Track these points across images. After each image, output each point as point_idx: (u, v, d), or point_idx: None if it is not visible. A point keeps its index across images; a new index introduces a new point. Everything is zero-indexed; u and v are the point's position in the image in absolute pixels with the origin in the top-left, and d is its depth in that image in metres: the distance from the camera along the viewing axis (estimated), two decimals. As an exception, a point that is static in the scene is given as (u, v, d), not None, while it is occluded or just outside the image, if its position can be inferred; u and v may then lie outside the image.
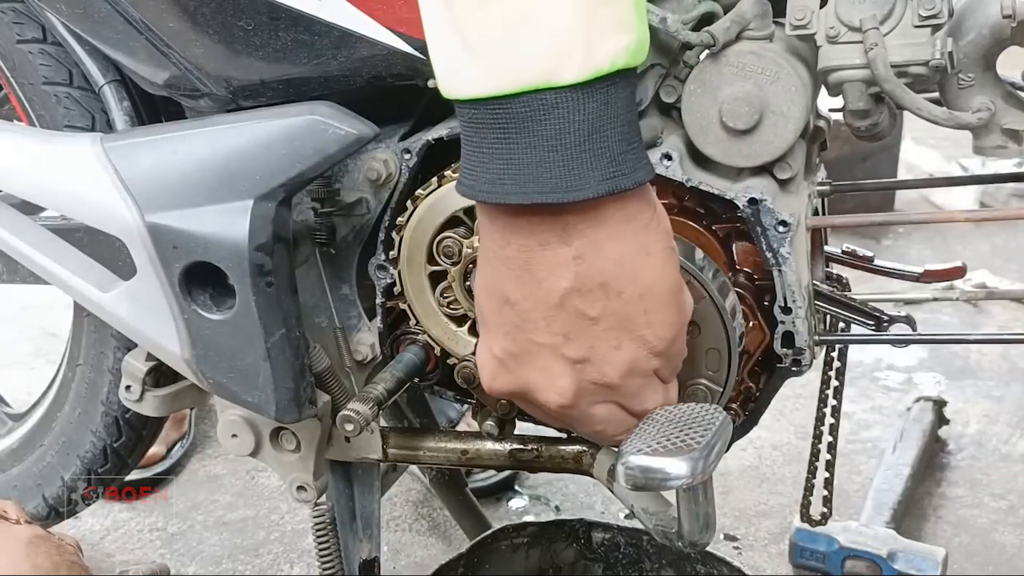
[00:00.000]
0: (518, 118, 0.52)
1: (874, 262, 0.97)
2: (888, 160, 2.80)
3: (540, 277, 0.56)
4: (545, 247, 0.55)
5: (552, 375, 0.59)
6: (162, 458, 1.66)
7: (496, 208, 0.56)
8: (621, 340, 0.58)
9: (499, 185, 0.54)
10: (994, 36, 0.71)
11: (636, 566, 1.13)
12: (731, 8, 0.73)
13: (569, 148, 0.52)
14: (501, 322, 0.60)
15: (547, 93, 0.51)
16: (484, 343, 0.62)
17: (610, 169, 0.53)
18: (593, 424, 0.62)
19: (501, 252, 0.57)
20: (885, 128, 0.75)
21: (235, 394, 0.81)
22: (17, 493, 1.27)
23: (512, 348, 0.60)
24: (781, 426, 1.76)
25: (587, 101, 0.52)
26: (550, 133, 0.52)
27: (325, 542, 0.98)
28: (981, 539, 1.47)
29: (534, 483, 1.62)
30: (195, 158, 0.77)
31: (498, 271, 0.58)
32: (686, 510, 0.66)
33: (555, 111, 0.52)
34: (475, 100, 0.53)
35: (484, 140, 0.54)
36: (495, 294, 0.59)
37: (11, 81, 1.03)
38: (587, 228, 0.55)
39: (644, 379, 0.61)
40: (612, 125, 0.53)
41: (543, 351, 0.59)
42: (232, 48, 0.78)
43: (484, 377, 0.63)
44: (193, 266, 0.77)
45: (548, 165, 0.52)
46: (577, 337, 0.57)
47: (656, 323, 0.58)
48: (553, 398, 0.60)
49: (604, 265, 0.56)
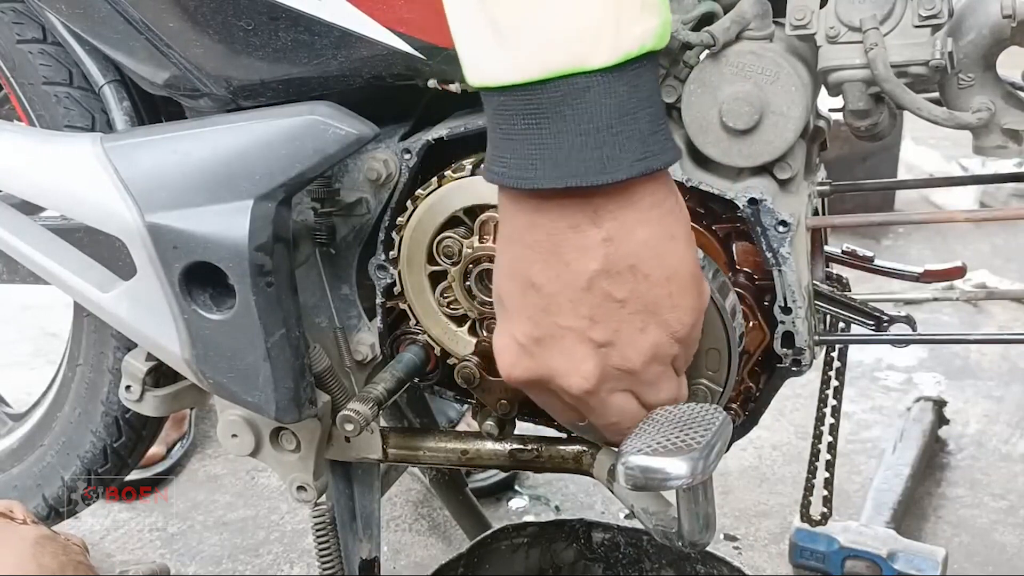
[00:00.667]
0: (549, 103, 0.52)
1: (874, 262, 0.97)
2: (888, 160, 2.80)
3: (568, 259, 0.56)
4: (575, 230, 0.55)
5: (576, 359, 0.59)
6: (162, 458, 1.66)
7: (524, 193, 0.56)
8: (647, 323, 0.58)
9: (531, 171, 0.54)
10: (994, 36, 0.71)
11: (636, 566, 1.13)
12: (731, 8, 0.73)
13: (601, 131, 0.53)
14: (525, 306, 0.59)
15: (578, 78, 0.51)
16: (504, 329, 0.62)
17: (641, 150, 0.53)
18: (608, 415, 0.62)
19: (527, 236, 0.57)
20: (885, 128, 0.75)
21: (235, 394, 0.81)
22: (17, 493, 1.27)
23: (536, 332, 0.59)
24: (781, 426, 1.76)
25: (617, 84, 0.52)
26: (582, 117, 0.52)
27: (325, 542, 0.98)
28: (981, 539, 1.47)
29: (534, 483, 1.62)
30: (195, 158, 0.77)
31: (523, 255, 0.58)
32: (686, 510, 0.66)
33: (586, 95, 0.52)
34: (505, 88, 0.53)
35: (514, 127, 0.54)
36: (518, 278, 0.59)
37: (11, 81, 1.03)
38: (618, 210, 0.55)
39: (663, 367, 0.61)
40: (642, 107, 0.53)
41: (568, 335, 0.58)
42: (232, 48, 0.78)
43: (504, 364, 0.62)
44: (193, 266, 0.77)
45: (580, 149, 0.53)
46: (603, 320, 0.57)
47: (680, 306, 0.58)
48: (577, 382, 0.59)
49: (633, 248, 0.56)
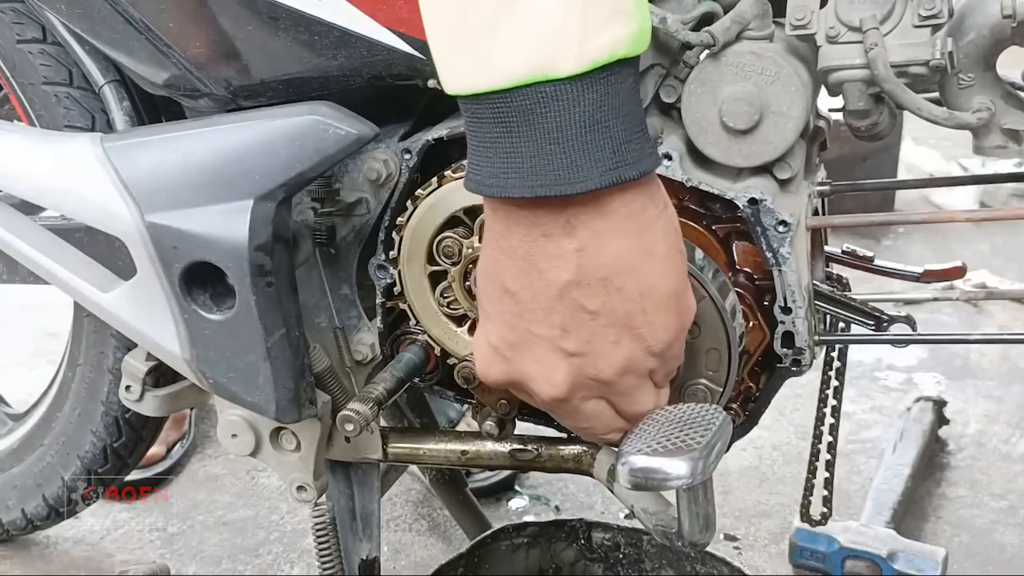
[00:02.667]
0: (518, 112, 0.52)
1: (874, 262, 0.97)
2: (888, 160, 2.80)
3: (541, 268, 0.56)
4: (549, 239, 0.55)
5: (547, 367, 0.59)
6: (162, 458, 1.66)
7: (500, 200, 0.56)
8: (619, 337, 0.57)
9: (503, 179, 0.54)
10: (994, 36, 0.71)
11: (636, 566, 1.13)
12: (731, 8, 0.73)
13: (570, 140, 0.52)
14: (500, 311, 0.59)
15: (545, 86, 0.51)
16: (481, 331, 0.62)
17: (612, 160, 0.53)
18: (580, 420, 0.62)
19: (504, 242, 0.57)
20: (885, 128, 0.76)
21: (235, 394, 0.81)
22: (17, 493, 1.27)
23: (509, 337, 0.59)
24: (781, 426, 1.76)
25: (587, 92, 0.51)
26: (551, 126, 0.52)
27: (325, 542, 0.98)
28: (981, 539, 1.47)
29: (534, 483, 1.62)
30: (195, 158, 0.77)
31: (499, 260, 0.58)
32: (686, 510, 0.66)
33: (554, 103, 0.51)
34: (475, 95, 0.53)
35: (487, 135, 0.54)
36: (495, 282, 0.59)
37: (11, 81, 1.03)
38: (591, 221, 0.55)
39: (638, 379, 0.60)
40: (614, 116, 0.53)
41: (540, 342, 0.58)
42: (232, 48, 0.78)
43: (479, 364, 0.63)
44: (193, 266, 0.77)
45: (550, 158, 0.52)
46: (575, 330, 0.57)
47: (655, 324, 0.58)
48: (547, 390, 0.60)
49: (606, 260, 0.55)
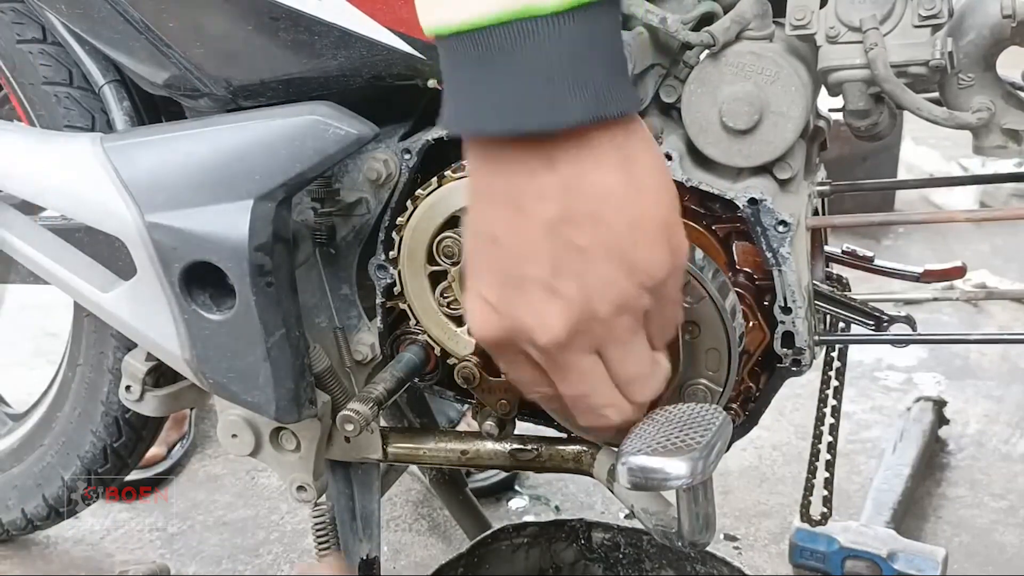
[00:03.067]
0: (499, 48, 0.51)
1: (874, 262, 0.97)
2: (888, 160, 2.80)
3: (527, 208, 0.55)
4: (532, 175, 0.54)
5: (542, 311, 0.57)
6: (162, 458, 1.66)
7: (484, 143, 0.55)
8: (612, 272, 0.56)
9: (479, 116, 0.53)
10: (994, 36, 0.71)
11: (636, 566, 1.13)
12: (731, 8, 0.73)
13: (552, 76, 0.51)
14: (488, 262, 0.58)
15: (527, 21, 0.50)
16: (473, 290, 0.60)
17: (595, 97, 0.52)
18: (576, 381, 0.60)
19: (489, 189, 0.56)
20: (885, 128, 0.76)
21: (235, 394, 0.81)
22: (17, 493, 1.27)
23: (500, 287, 0.58)
24: (781, 426, 1.76)
25: (569, 28, 0.51)
26: (531, 61, 0.51)
27: (325, 542, 0.98)
28: (981, 539, 1.47)
29: (534, 483, 1.62)
30: (195, 158, 0.77)
31: (484, 211, 0.57)
32: (686, 510, 0.66)
33: (535, 39, 0.50)
34: (457, 32, 0.52)
35: (464, 74, 0.53)
36: (482, 235, 0.58)
37: (11, 81, 1.03)
38: (575, 156, 0.54)
39: (634, 321, 0.59)
40: (597, 53, 0.52)
41: (531, 286, 0.57)
42: (232, 48, 0.78)
43: (474, 325, 0.60)
44: (193, 266, 0.77)
45: (531, 93, 0.51)
46: (566, 268, 0.56)
47: (647, 258, 0.57)
48: (544, 335, 0.57)
49: (593, 193, 0.54)
